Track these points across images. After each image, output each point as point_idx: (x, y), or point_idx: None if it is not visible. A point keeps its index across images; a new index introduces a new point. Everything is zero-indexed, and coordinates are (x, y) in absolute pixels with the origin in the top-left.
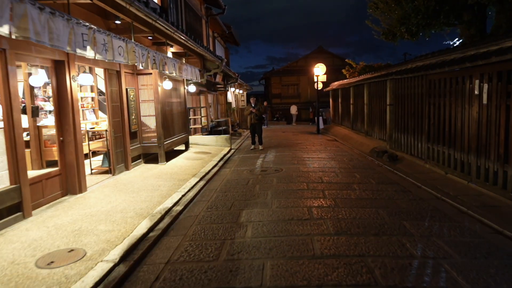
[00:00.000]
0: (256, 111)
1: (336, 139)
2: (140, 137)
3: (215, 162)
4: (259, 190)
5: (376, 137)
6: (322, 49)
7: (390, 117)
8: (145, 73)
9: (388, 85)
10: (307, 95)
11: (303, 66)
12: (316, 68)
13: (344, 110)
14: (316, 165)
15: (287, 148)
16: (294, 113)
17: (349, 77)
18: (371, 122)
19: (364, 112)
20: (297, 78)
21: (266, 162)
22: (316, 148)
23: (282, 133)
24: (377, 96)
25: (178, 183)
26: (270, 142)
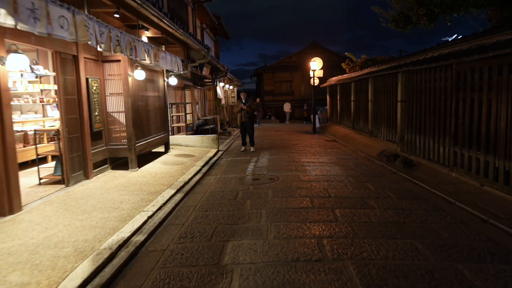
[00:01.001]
0: (247, 108)
1: (335, 139)
2: (107, 138)
3: (198, 167)
4: (250, 208)
5: (383, 138)
6: (317, 44)
7: (401, 115)
8: (112, 60)
9: (400, 78)
10: (301, 92)
11: (296, 62)
12: (312, 63)
13: (343, 108)
14: (318, 172)
15: (282, 150)
16: (288, 111)
17: (349, 72)
18: (377, 121)
19: (368, 110)
20: (290, 75)
21: (258, 167)
22: (315, 150)
23: (276, 132)
24: (385, 92)
25: (148, 198)
26: (263, 142)
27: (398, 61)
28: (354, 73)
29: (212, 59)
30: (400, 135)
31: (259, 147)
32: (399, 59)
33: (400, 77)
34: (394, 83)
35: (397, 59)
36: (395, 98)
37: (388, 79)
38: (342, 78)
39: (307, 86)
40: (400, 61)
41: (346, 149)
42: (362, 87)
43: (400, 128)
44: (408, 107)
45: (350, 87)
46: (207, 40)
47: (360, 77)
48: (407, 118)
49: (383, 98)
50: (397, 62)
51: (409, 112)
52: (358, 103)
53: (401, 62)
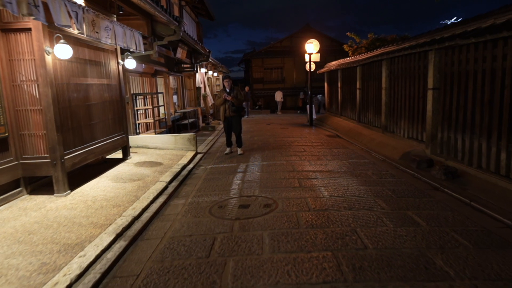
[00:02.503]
0: (232, 99)
1: (338, 134)
2: (18, 148)
3: (162, 184)
4: (233, 283)
5: (403, 135)
6: (310, 27)
7: (433, 106)
8: (19, 29)
9: (432, 59)
10: (293, 80)
11: (288, 46)
12: (308, 44)
13: (345, 97)
14: (332, 189)
15: (277, 151)
16: (279, 100)
17: (353, 55)
18: (394, 113)
19: (381, 100)
20: (281, 60)
21: (247, 182)
22: (318, 150)
23: (267, 125)
24: (406, 77)
25: (54, 260)
26: (253, 140)
27: (429, 35)
28: (360, 56)
29: (187, 37)
30: (430, 132)
31: (249, 147)
32: (430, 34)
33: (432, 57)
34: (421, 65)
35: (427, 34)
36: (423, 85)
37: (412, 60)
38: (345, 62)
39: (300, 72)
40: (433, 35)
41: (356, 148)
42: (372, 71)
43: (431, 123)
44: (444, 96)
45: (355, 73)
46: (187, 20)
47: (369, 60)
48: (442, 111)
49: (403, 84)
50: (427, 37)
51: (445, 103)
52: (365, 91)
53: (434, 36)
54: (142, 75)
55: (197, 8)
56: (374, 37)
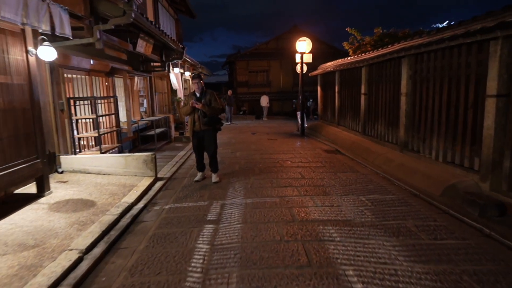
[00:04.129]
0: (202, 107)
1: (338, 149)
2: None
3: (69, 260)
4: None
5: (436, 158)
6: (297, 28)
7: (495, 121)
8: None
9: (496, 53)
10: (279, 84)
11: (274, 48)
12: (300, 43)
13: (344, 103)
14: (368, 272)
15: (265, 177)
16: (265, 105)
17: (354, 54)
18: (420, 127)
19: (398, 108)
20: (267, 63)
21: (220, 251)
22: (320, 176)
23: (252, 135)
24: (443, 79)
25: None
26: (234, 157)
27: (492, 16)
28: (366, 54)
29: (148, 23)
30: (490, 158)
31: (228, 169)
32: (492, 14)
33: (498, 49)
34: (472, 61)
35: (490, 14)
36: (475, 90)
37: (454, 56)
38: (345, 62)
39: (287, 76)
40: (498, 17)
41: (368, 172)
42: (384, 72)
43: (491, 145)
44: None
45: (358, 74)
46: (164, 16)
47: (381, 58)
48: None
49: (437, 89)
50: (487, 20)
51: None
52: (374, 97)
53: (500, 19)
54: (91, 74)
55: (176, 3)
56: (382, 32)
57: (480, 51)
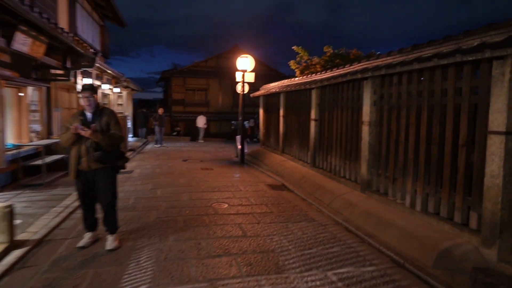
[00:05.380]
0: (92, 135)
1: (284, 183)
2: None
3: None
4: None
5: (412, 206)
6: (239, 48)
7: (505, 168)
8: None
9: (504, 80)
10: (218, 104)
11: (214, 67)
12: (241, 59)
13: (291, 129)
14: None
15: (191, 232)
16: (202, 126)
17: (301, 75)
18: (388, 163)
19: (358, 138)
20: (206, 82)
21: None
22: (268, 231)
23: (183, 162)
24: (423, 109)
25: None
26: (152, 199)
27: (495, 30)
28: (317, 75)
29: (21, 9)
30: (498, 217)
31: (138, 223)
32: (496, 26)
33: (507, 71)
34: (464, 88)
35: (487, 27)
36: (467, 124)
37: (433, 80)
38: (292, 82)
39: (226, 96)
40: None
41: (327, 221)
42: (338, 97)
43: (498, 199)
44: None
45: (307, 98)
46: (83, 19)
47: (338, 79)
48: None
49: (406, 120)
50: (481, 36)
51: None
52: (326, 124)
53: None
54: None
55: (101, 8)
56: (331, 51)
57: (474, 74)
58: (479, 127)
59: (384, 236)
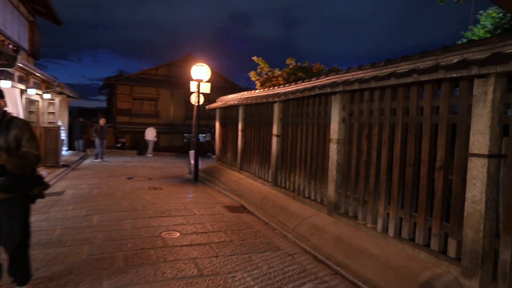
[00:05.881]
0: None
1: (243, 204)
2: None
3: None
4: None
5: (385, 231)
6: (192, 57)
7: (487, 193)
8: None
9: (487, 100)
10: (170, 115)
11: (165, 75)
12: (196, 68)
13: (250, 145)
14: None
15: (133, 275)
16: (152, 139)
17: (262, 87)
18: (359, 186)
19: (327, 158)
20: (156, 91)
21: None
22: (228, 266)
23: (128, 180)
24: (397, 128)
25: None
26: (85, 230)
27: (486, 44)
28: (281, 88)
29: None
30: (479, 246)
31: (63, 265)
32: (485, 41)
33: (490, 90)
34: (442, 107)
35: (479, 42)
36: (444, 145)
37: (408, 97)
38: (252, 95)
39: (178, 107)
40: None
41: (294, 249)
42: (303, 112)
43: (480, 226)
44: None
45: (269, 112)
46: (6, 11)
47: (305, 93)
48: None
49: (378, 139)
50: (462, 52)
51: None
52: (289, 140)
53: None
54: None
55: (31, 1)
56: (294, 65)
57: (452, 92)
58: (458, 149)
59: (357, 265)
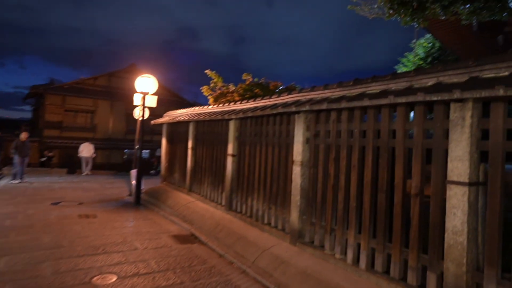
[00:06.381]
0: None
1: (194, 233)
2: None
3: None
4: None
5: (355, 263)
6: (136, 68)
7: (468, 223)
8: None
9: (465, 125)
10: (108, 129)
11: (105, 86)
12: (142, 79)
13: (201, 165)
14: None
15: None
16: (88, 155)
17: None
18: (326, 213)
19: (290, 182)
20: (93, 102)
21: None
22: None
23: (53, 206)
24: (368, 151)
25: None
26: None
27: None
28: (238, 104)
29: None
30: (463, 281)
31: None
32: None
33: (468, 116)
34: (417, 130)
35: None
36: (419, 171)
37: (383, 119)
38: (205, 111)
39: (119, 121)
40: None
41: None
42: (262, 131)
43: (463, 259)
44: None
45: (224, 130)
46: None
47: (267, 111)
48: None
49: (347, 163)
50: (443, 73)
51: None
52: (246, 161)
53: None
54: None
55: None
56: (253, 81)
57: (425, 115)
58: (434, 175)
59: None
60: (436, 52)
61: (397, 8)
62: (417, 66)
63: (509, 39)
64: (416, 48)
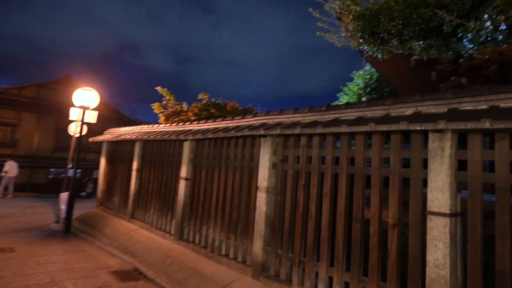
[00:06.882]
0: None
1: (138, 267)
2: None
3: None
4: None
5: None
6: (72, 80)
7: (451, 255)
8: None
9: (444, 155)
10: (32, 145)
11: (33, 98)
12: (82, 92)
13: (147, 188)
14: None
15: None
16: (11, 175)
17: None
18: (294, 245)
19: (253, 209)
20: (17, 115)
21: None
22: None
23: None
24: (338, 180)
25: None
26: None
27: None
28: (195, 124)
29: None
30: None
31: None
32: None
33: (447, 146)
34: (393, 158)
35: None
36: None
37: (363, 146)
38: (156, 129)
39: (47, 136)
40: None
41: None
42: (222, 154)
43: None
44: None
45: (176, 151)
46: None
47: (230, 133)
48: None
49: (318, 190)
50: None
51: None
52: (202, 186)
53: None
54: None
55: None
56: (210, 101)
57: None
58: (413, 205)
59: None
60: (374, 83)
61: (367, 38)
62: (357, 95)
63: (441, 76)
64: (356, 78)
